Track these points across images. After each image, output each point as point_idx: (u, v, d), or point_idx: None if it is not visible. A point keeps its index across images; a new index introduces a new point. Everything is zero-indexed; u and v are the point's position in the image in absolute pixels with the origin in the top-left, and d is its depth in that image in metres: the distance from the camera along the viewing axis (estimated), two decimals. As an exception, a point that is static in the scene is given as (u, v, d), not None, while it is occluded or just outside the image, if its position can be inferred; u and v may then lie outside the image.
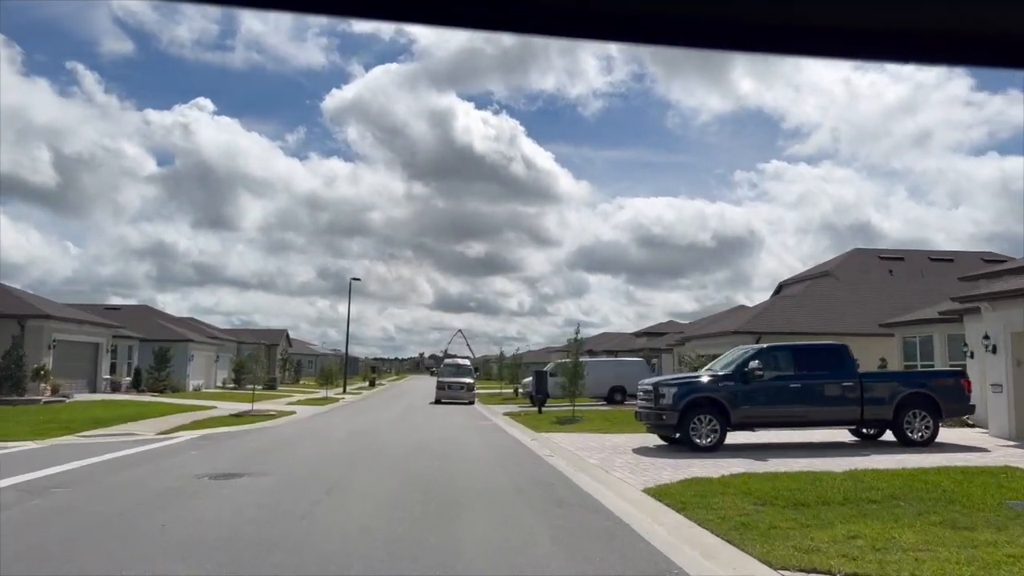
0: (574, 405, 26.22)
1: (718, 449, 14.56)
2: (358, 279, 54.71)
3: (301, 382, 75.20)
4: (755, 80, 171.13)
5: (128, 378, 42.43)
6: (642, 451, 15.13)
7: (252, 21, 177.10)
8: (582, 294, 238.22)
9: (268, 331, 76.54)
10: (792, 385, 14.92)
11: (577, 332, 26.30)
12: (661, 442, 16.29)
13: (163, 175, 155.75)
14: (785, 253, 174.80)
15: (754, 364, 14.70)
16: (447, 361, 43.59)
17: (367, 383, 74.79)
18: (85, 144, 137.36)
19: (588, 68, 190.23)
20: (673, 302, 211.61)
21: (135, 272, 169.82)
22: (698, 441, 14.54)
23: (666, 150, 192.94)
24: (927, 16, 0.85)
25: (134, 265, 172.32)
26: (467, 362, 43.73)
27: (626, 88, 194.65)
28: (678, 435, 14.89)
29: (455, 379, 40.74)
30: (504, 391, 49.40)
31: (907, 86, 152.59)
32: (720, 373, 15.34)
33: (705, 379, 15.29)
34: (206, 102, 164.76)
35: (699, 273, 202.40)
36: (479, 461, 13.93)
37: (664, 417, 14.77)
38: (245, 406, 32.37)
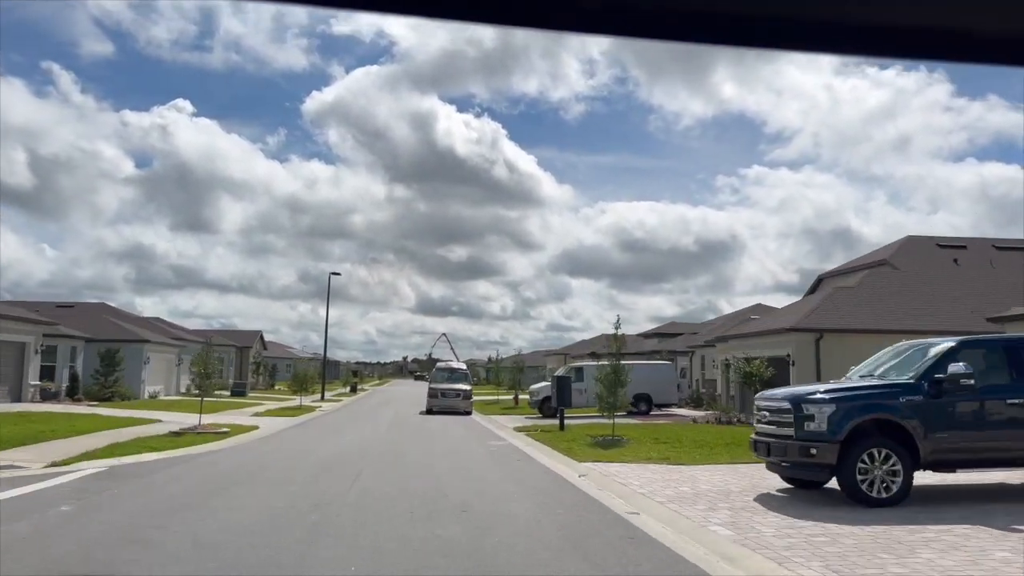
0: (613, 419, 20.71)
1: (899, 503, 9.19)
2: (338, 274, 49.19)
3: (277, 387, 69.31)
4: (737, 84, 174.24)
5: (68, 384, 36.53)
6: (773, 502, 9.75)
7: (231, 21, 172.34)
8: (564, 298, 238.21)
9: (241, 332, 70.57)
10: (1013, 401, 9.56)
11: (617, 326, 20.67)
12: (783, 483, 10.92)
13: (141, 177, 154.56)
14: (766, 258, 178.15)
15: (958, 367, 9.26)
16: (440, 365, 38.05)
17: (348, 389, 68.97)
18: (62, 145, 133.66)
19: (570, 71, 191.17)
20: (656, 306, 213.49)
21: (113, 275, 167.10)
22: (871, 492, 9.15)
23: (648, 154, 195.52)
24: (917, 12, 0.87)
25: (112, 268, 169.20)
26: (463, 366, 38.21)
27: (608, 91, 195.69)
28: (837, 479, 9.47)
29: (450, 386, 35.24)
30: (501, 398, 43.89)
31: (888, 91, 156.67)
32: (894, 381, 9.88)
33: (876, 391, 9.80)
34: (185, 103, 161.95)
35: (681, 278, 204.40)
36: (530, 530, 8.39)
37: (814, 452, 9.32)
38: (197, 418, 26.76)
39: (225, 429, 21.19)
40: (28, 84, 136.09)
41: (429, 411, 34.48)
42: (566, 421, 25.26)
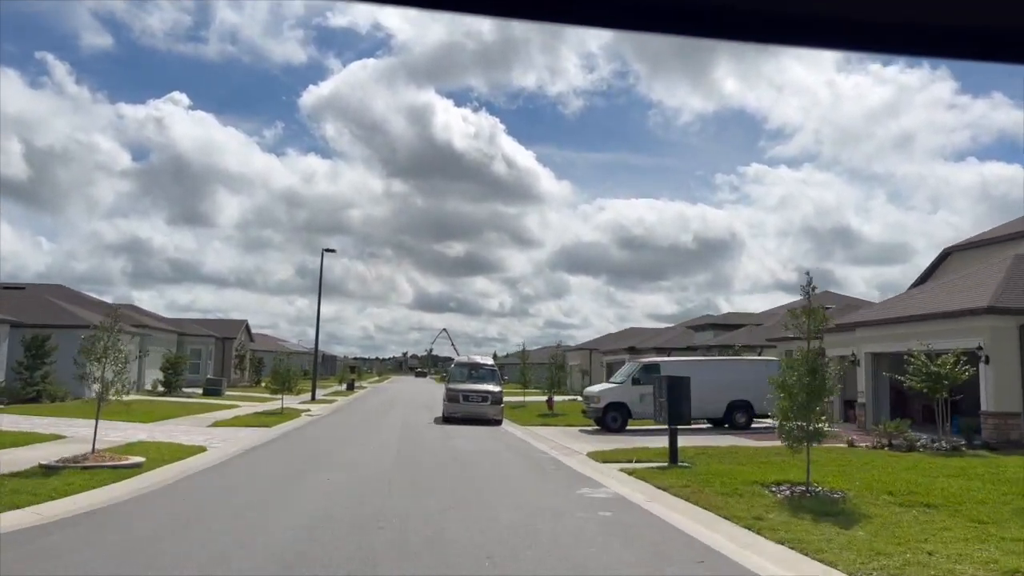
0: (808, 452, 12.47)
1: None
2: (332, 250, 41.06)
3: (264, 384, 61.19)
4: (738, 80, 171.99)
5: (-18, 380, 28.47)
6: None
7: (226, 12, 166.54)
8: (562, 295, 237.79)
9: (224, 322, 62.43)
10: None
11: (810, 288, 12.03)
12: None
13: (138, 170, 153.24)
14: (766, 256, 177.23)
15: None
16: (460, 361, 29.80)
17: (344, 385, 60.92)
18: (57, 137, 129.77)
19: (569, 65, 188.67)
20: (654, 304, 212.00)
21: (111, 268, 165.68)
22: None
23: (647, 152, 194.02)
24: (918, 8, 0.88)
25: (109, 261, 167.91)
26: (490, 362, 30.05)
27: (607, 86, 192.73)
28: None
29: (474, 387, 27.16)
30: (527, 399, 35.68)
31: (890, 88, 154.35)
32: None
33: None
34: (181, 96, 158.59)
35: (680, 276, 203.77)
36: None
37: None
38: (129, 430, 18.86)
39: (136, 460, 13.06)
40: (22, 75, 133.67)
41: (447, 419, 26.50)
42: (642, 436, 17.26)
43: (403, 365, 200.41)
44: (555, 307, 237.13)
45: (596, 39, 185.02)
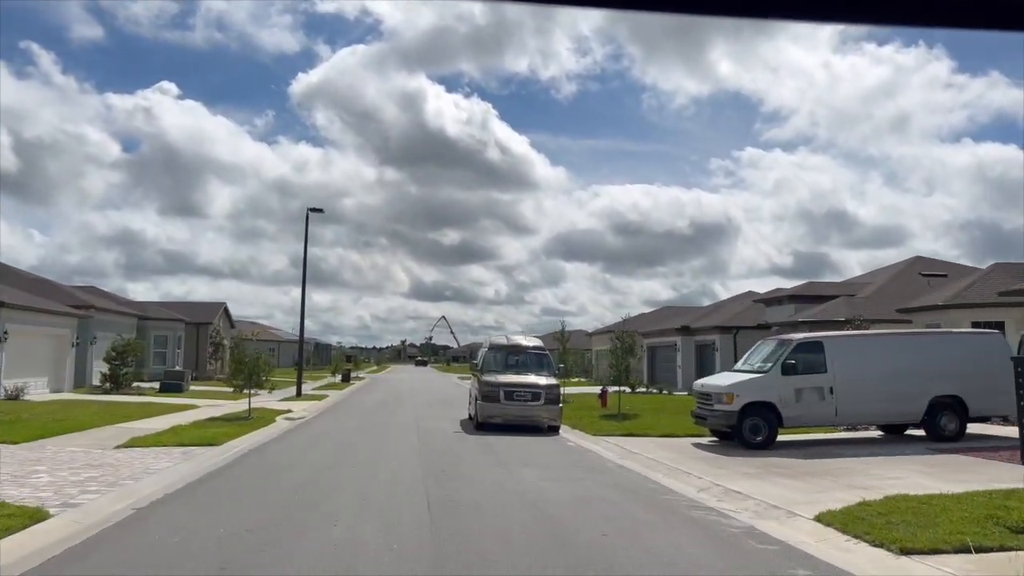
0: None
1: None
2: (319, 210, 32.29)
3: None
4: (733, 62, 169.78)
5: None
6: None
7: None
8: (558, 282, 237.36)
9: (197, 305, 54.05)
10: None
11: None
12: None
13: (128, 161, 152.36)
14: (761, 241, 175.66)
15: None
16: (496, 341, 21.11)
17: (338, 377, 52.68)
18: (46, 128, 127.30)
19: (562, 49, 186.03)
20: (650, 290, 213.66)
21: (104, 260, 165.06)
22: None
23: (642, 137, 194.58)
24: None
25: (102, 253, 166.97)
26: (538, 343, 21.59)
27: (601, 70, 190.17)
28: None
29: (520, 379, 18.83)
30: (571, 391, 27.12)
31: (887, 68, 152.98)
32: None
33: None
34: (170, 85, 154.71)
35: (675, 261, 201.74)
36: None
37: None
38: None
39: None
40: (8, 65, 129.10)
41: (481, 425, 18.38)
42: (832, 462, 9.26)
43: (401, 354, 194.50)
44: (551, 294, 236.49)
45: (588, 21, 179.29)
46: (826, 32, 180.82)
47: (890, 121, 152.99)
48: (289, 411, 23.97)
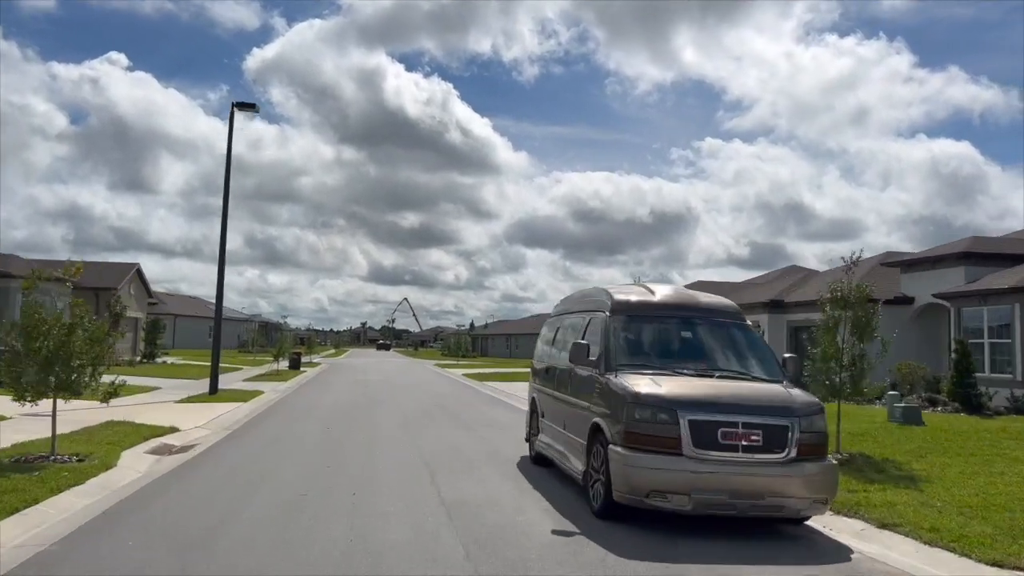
0: None
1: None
2: (251, 106, 19.90)
3: (167, 361, 40.50)
4: (697, 49, 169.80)
5: None
6: None
7: None
8: (519, 268, 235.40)
9: (102, 265, 41.22)
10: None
11: None
12: None
13: (75, 133, 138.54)
14: (719, 231, 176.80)
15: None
16: (623, 296, 8.37)
17: (284, 362, 40.22)
18: None
19: (525, 30, 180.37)
20: (609, 278, 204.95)
21: (50, 235, 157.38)
22: None
23: (604, 125, 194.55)
24: None
25: (48, 228, 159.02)
26: (726, 302, 9.39)
27: (564, 52, 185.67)
28: None
29: (733, 393, 7.13)
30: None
31: (848, 60, 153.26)
32: None
33: None
34: (119, 56, 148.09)
35: (635, 249, 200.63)
36: None
37: None
38: None
39: None
40: None
41: (613, 509, 7.00)
42: None
43: (361, 337, 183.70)
44: (511, 280, 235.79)
45: (553, 1, 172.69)
46: (791, 22, 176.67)
47: (849, 114, 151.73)
48: (162, 441, 12.17)
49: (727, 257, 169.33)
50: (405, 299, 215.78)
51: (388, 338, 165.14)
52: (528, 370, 12.43)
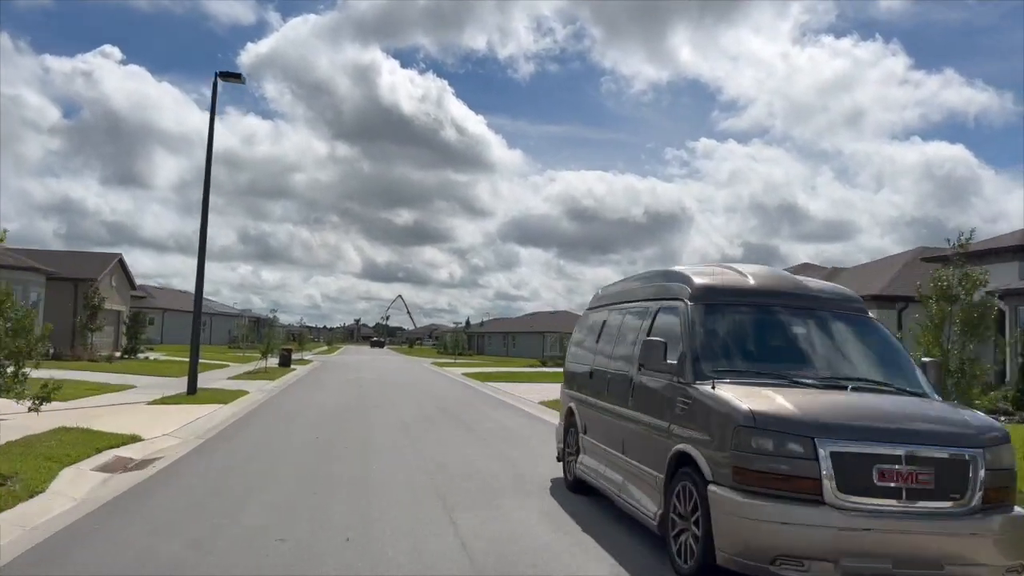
0: None
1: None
2: (236, 76, 17.55)
3: (150, 357, 38.17)
4: (694, 49, 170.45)
5: None
6: None
7: None
8: (512, 267, 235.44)
9: (82, 255, 39.05)
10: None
11: None
12: None
13: (68, 127, 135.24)
14: (713, 231, 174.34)
15: None
16: (704, 280, 6.40)
17: (274, 359, 38.02)
18: None
19: (521, 28, 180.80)
20: (603, 277, 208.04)
21: (42, 229, 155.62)
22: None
23: (599, 124, 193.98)
24: None
25: (39, 222, 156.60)
26: (845, 291, 6.53)
27: (561, 50, 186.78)
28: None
29: (887, 413, 5.18)
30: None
31: (844, 61, 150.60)
32: None
33: None
34: (112, 49, 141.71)
35: (629, 249, 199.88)
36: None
37: None
38: None
39: None
40: None
41: None
42: None
43: (355, 334, 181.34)
44: (505, 279, 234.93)
45: None
46: (787, 23, 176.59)
47: (844, 116, 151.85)
48: (117, 453, 10.10)
49: (721, 258, 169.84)
50: (400, 296, 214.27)
51: (382, 335, 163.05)
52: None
